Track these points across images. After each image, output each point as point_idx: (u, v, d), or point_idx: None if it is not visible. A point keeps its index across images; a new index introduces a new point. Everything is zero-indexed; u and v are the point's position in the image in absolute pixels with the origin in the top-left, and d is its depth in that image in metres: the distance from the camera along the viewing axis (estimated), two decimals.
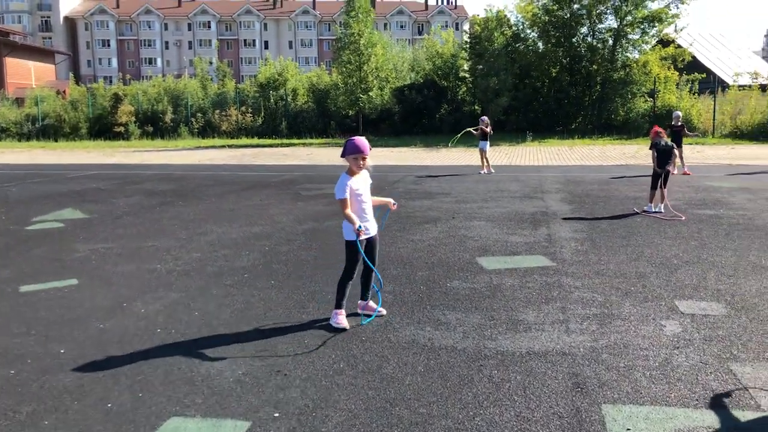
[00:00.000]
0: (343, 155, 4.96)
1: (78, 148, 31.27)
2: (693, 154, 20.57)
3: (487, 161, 16.36)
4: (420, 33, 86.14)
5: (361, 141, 4.92)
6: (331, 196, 11.94)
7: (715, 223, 8.80)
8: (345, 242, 5.07)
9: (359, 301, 5.29)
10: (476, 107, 34.05)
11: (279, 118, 34.99)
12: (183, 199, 12.56)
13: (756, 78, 28.92)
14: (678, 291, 5.62)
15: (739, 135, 26.04)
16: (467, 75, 33.80)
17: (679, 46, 30.45)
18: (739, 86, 29.89)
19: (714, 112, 26.99)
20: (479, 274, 6.36)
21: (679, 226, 8.60)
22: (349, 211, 4.94)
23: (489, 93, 29.89)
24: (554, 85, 31.60)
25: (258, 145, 29.84)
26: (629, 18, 29.96)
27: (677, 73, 29.42)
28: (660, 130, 10.17)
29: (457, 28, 74.63)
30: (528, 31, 32.88)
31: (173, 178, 16.65)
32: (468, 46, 32.75)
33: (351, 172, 4.99)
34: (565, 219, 9.37)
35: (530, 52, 31.88)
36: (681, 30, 30.51)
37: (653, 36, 30.30)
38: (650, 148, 10.21)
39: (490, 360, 4.20)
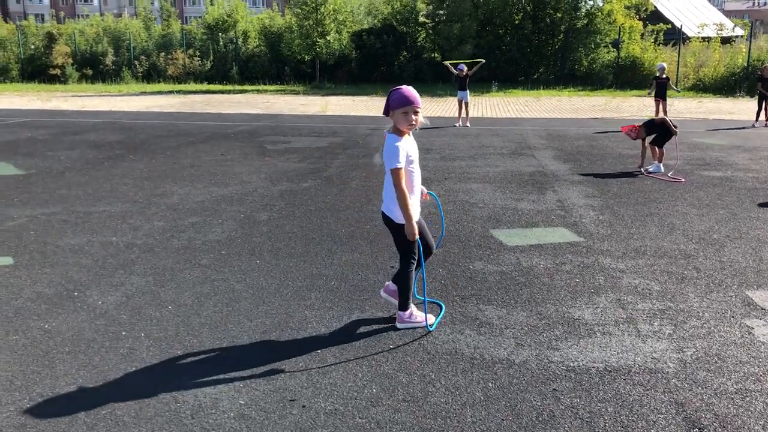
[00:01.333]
0: (386, 112, 3.71)
1: (8, 90, 28.64)
2: (687, 105, 20.07)
3: (467, 113, 15.35)
4: None
5: (410, 91, 3.72)
6: (302, 151, 10.81)
7: (730, 187, 8.12)
8: (395, 226, 3.84)
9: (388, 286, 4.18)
10: (436, 54, 32.78)
11: (229, 63, 32.86)
12: (134, 152, 11.14)
13: (721, 30, 28.53)
14: (741, 277, 4.84)
15: (702, 88, 25.71)
16: (427, 21, 32.36)
17: None
18: (702, 38, 29.53)
19: (678, 64, 26.57)
20: (502, 253, 5.45)
21: (695, 191, 7.88)
22: (406, 194, 3.66)
23: (452, 40, 28.63)
24: (517, 33, 30.54)
25: (208, 91, 27.92)
26: None
27: (641, 23, 28.78)
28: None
29: None
30: None
31: (120, 127, 15.03)
32: None
33: (399, 133, 3.75)
34: (568, 181, 8.53)
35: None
36: None
37: None
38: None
39: (563, 381, 3.31)
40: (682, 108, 20.02)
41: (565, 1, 29.79)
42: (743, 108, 19.54)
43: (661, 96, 14.52)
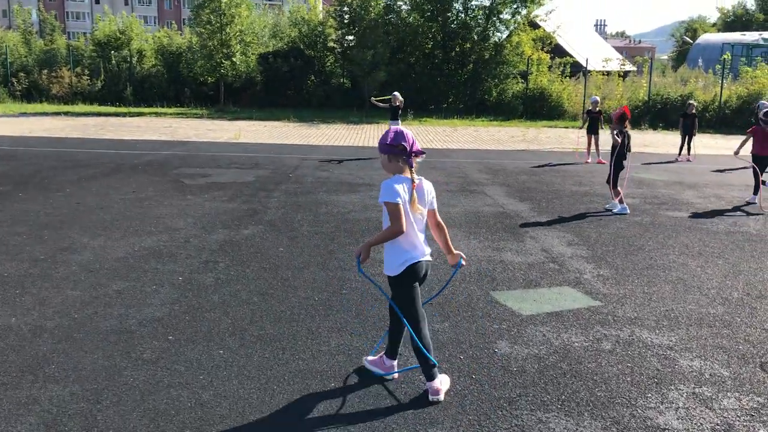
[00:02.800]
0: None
1: None
2: (581, 138, 20.32)
3: None
4: None
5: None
6: (228, 187, 9.34)
7: (705, 230, 7.72)
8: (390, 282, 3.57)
9: (383, 359, 3.74)
10: (345, 80, 32.07)
11: (123, 83, 30.38)
12: (23, 188, 9.33)
13: (624, 64, 29.80)
14: None
15: (607, 120, 26.51)
16: (336, 45, 31.63)
17: (539, 28, 30.54)
18: (604, 72, 30.75)
19: (584, 96, 27.35)
20: (521, 326, 4.52)
21: (676, 236, 7.38)
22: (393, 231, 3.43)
23: (365, 66, 27.99)
24: (428, 62, 30.44)
25: (100, 113, 25.48)
26: None
27: (548, 56, 29.52)
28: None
29: None
30: (400, 3, 31.30)
31: (1, 155, 12.91)
32: (337, 14, 30.55)
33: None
34: (539, 225, 7.82)
35: (405, 25, 30.36)
36: (550, 12, 30.65)
37: (525, 16, 30.10)
38: (616, 134, 8.87)
39: None
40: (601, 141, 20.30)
41: (474, 32, 30.05)
42: (654, 140, 20.13)
43: (594, 130, 14.41)
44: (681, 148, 15.26)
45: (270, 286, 5.25)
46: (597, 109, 14.55)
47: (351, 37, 31.06)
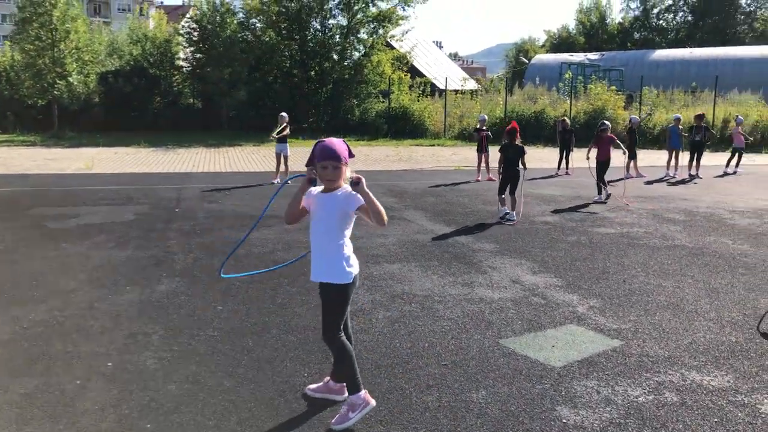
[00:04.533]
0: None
1: None
2: (453, 156, 20.51)
3: (287, 167, 13.50)
4: (97, 13, 75.82)
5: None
6: (107, 229, 7.49)
7: (643, 245, 7.61)
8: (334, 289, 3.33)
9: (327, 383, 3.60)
10: (195, 101, 30.08)
11: None
12: None
13: (480, 84, 30.89)
14: None
15: (467, 137, 27.22)
16: (184, 64, 29.62)
17: (394, 48, 30.93)
18: (457, 91, 31.70)
19: (444, 115, 27.91)
20: (566, 383, 3.81)
21: (633, 255, 7.16)
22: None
23: (222, 85, 26.37)
24: (288, 81, 29.45)
25: None
26: (360, 16, 29.41)
27: (408, 75, 29.82)
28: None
29: (141, 13, 67.14)
30: (254, 21, 30.06)
31: None
32: (185, 31, 28.65)
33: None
34: (484, 251, 7.24)
35: (261, 43, 29.13)
36: (407, 33, 31.05)
37: (382, 36, 30.24)
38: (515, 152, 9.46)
39: None
40: (471, 157, 20.59)
41: (333, 51, 29.61)
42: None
43: (484, 147, 14.34)
44: (560, 163, 15.72)
45: (236, 363, 4.08)
46: (484, 127, 14.50)
47: (200, 56, 29.27)
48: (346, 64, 30.11)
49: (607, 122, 12.00)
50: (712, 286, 5.96)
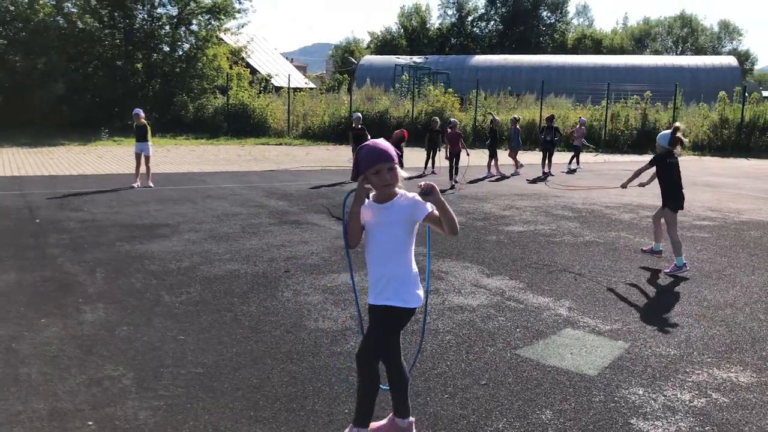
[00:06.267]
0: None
1: None
2: (308, 155, 20.02)
3: (148, 168, 12.09)
4: None
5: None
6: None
7: (568, 244, 7.86)
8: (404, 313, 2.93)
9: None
10: None
11: None
12: None
13: (323, 80, 30.49)
14: None
15: (312, 136, 26.83)
16: None
17: (227, 44, 29.67)
18: (295, 89, 31.09)
19: (289, 113, 27.21)
20: (619, 392, 3.66)
21: (563, 252, 7.30)
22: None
23: (35, 76, 23.18)
24: (111, 73, 26.75)
25: None
26: (192, 5, 27.64)
27: (248, 70, 28.61)
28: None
29: None
30: (67, 4, 26.88)
31: None
32: None
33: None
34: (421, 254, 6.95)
35: (78, 30, 26.10)
36: (243, 27, 29.81)
37: (217, 28, 28.69)
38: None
39: None
40: (327, 157, 20.25)
41: (163, 42, 27.49)
42: None
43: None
44: (426, 162, 15.97)
45: (253, 404, 3.35)
46: (360, 125, 14.25)
47: (2, 41, 25.59)
48: (177, 56, 28.15)
49: (454, 119, 14.98)
50: (659, 280, 6.26)
